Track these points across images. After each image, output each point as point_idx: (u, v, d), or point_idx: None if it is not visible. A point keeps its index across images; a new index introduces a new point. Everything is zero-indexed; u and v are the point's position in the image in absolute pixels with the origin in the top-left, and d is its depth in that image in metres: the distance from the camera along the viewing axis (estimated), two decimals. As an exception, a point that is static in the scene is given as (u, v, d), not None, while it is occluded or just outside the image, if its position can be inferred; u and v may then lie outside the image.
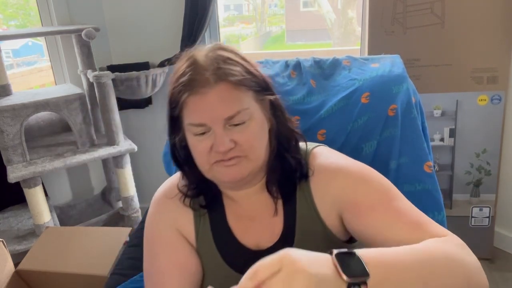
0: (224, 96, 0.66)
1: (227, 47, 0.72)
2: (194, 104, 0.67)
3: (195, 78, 0.66)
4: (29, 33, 1.86)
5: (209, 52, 0.69)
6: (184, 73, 0.68)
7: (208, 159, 0.69)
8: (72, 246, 1.44)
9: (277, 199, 0.76)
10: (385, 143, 1.10)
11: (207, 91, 0.65)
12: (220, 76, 0.66)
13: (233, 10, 6.08)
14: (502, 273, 1.78)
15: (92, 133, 1.84)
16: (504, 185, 1.83)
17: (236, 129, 0.67)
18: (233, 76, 0.66)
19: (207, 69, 0.66)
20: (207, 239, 0.78)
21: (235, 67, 0.68)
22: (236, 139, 0.67)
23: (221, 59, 0.68)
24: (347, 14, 4.37)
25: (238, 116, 0.66)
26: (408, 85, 1.10)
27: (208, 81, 0.65)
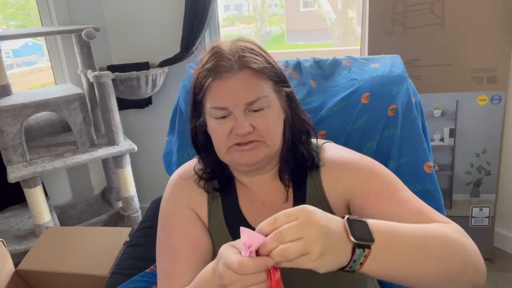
0: (246, 82, 0.71)
1: (249, 39, 0.77)
2: (218, 88, 0.71)
3: (220, 64, 0.71)
4: (29, 33, 1.86)
5: (232, 43, 0.75)
6: (209, 60, 0.73)
7: (227, 142, 0.73)
8: (72, 246, 1.43)
9: (289, 187, 0.80)
10: (385, 143, 1.10)
11: (231, 76, 0.70)
12: (243, 63, 0.71)
13: (233, 10, 6.08)
14: (502, 273, 1.78)
15: (92, 133, 1.84)
16: (504, 185, 1.83)
17: (255, 114, 0.72)
18: (255, 64, 0.71)
19: (231, 57, 0.71)
20: (219, 221, 0.82)
21: (257, 56, 0.73)
22: (255, 124, 0.72)
23: (245, 49, 0.73)
24: (347, 14, 4.36)
25: (258, 102, 0.71)
26: (408, 85, 1.10)
27: (232, 67, 0.70)
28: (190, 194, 0.84)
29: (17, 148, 1.68)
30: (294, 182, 0.81)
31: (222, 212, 0.82)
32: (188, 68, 1.20)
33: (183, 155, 1.20)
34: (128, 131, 2.18)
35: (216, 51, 0.74)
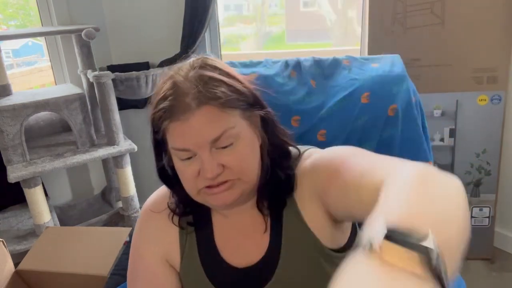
0: (207, 120, 0.62)
1: (211, 62, 0.67)
2: (176, 130, 0.63)
3: (175, 104, 0.62)
4: (29, 33, 1.86)
5: (190, 71, 0.65)
6: (165, 96, 0.64)
7: (197, 184, 0.65)
8: (72, 246, 1.43)
9: (267, 216, 0.73)
10: (385, 143, 1.10)
11: (189, 117, 0.61)
12: (201, 100, 0.61)
13: (233, 10, 6.07)
14: (502, 273, 1.78)
15: (92, 133, 1.84)
16: (504, 185, 1.83)
17: (224, 151, 0.63)
18: (216, 99, 0.62)
19: (187, 93, 0.62)
20: (193, 258, 0.76)
21: (218, 88, 0.63)
22: (225, 162, 0.64)
23: (203, 79, 0.63)
24: (347, 14, 4.37)
25: (224, 137, 0.63)
26: (408, 85, 1.10)
27: (189, 106, 0.61)
28: (160, 231, 0.77)
29: (17, 148, 1.68)
30: (272, 210, 0.73)
31: (197, 249, 0.76)
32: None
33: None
34: (128, 131, 2.18)
35: (171, 85, 0.64)
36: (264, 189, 0.71)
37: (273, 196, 0.72)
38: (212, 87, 0.63)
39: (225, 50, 2.72)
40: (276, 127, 0.72)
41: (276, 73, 1.17)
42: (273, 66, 1.22)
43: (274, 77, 1.16)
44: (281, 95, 1.13)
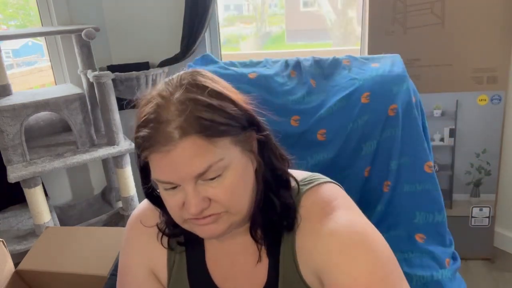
0: (191, 153, 0.55)
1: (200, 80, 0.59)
2: (157, 162, 0.57)
3: (156, 133, 0.55)
4: (29, 33, 1.86)
5: (176, 90, 0.57)
6: (146, 121, 0.57)
7: (182, 214, 0.60)
8: (72, 246, 1.43)
9: (262, 246, 0.67)
10: (386, 143, 1.10)
11: (170, 149, 0.54)
12: (185, 130, 0.54)
13: (233, 10, 6.07)
14: (502, 273, 1.78)
15: (92, 133, 1.84)
16: (504, 185, 1.83)
17: (211, 183, 0.57)
18: (202, 129, 0.54)
19: (170, 121, 0.55)
20: (181, 279, 0.71)
21: (205, 114, 0.55)
22: (211, 195, 0.57)
23: (189, 104, 0.55)
24: (347, 14, 4.37)
25: (211, 170, 0.56)
26: (408, 84, 1.10)
27: (172, 137, 0.54)
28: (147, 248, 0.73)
29: (17, 148, 1.68)
30: (267, 242, 0.66)
31: (186, 270, 0.71)
32: (188, 68, 1.20)
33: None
34: (128, 131, 2.18)
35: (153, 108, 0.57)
36: (257, 216, 0.64)
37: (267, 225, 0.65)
38: (199, 113, 0.55)
39: (225, 50, 2.72)
40: (274, 153, 0.65)
41: (276, 73, 1.18)
42: (273, 66, 1.22)
43: (274, 77, 1.16)
44: (281, 94, 1.13)
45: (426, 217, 1.09)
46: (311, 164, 1.10)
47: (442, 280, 1.00)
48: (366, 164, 1.11)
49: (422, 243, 1.07)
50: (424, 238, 1.08)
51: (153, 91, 0.61)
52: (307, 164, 1.09)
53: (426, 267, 1.02)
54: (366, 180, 1.12)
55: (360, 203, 1.11)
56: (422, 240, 1.08)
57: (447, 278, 1.00)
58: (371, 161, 1.10)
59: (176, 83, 0.59)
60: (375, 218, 1.09)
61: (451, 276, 1.01)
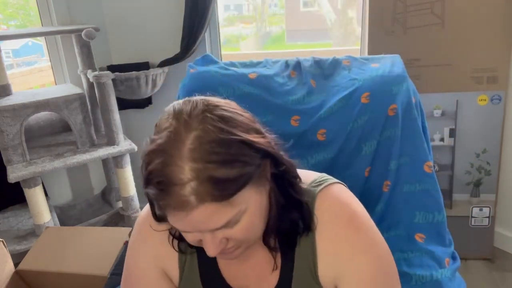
0: (209, 215, 0.53)
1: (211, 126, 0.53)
2: (174, 219, 0.55)
3: (169, 198, 0.52)
4: (29, 33, 1.86)
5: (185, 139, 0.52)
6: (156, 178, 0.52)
7: (199, 245, 0.60)
8: (72, 246, 1.43)
9: (276, 253, 0.67)
10: (385, 143, 1.10)
11: (187, 213, 0.52)
12: (202, 197, 0.51)
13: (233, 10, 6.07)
14: (502, 273, 1.78)
15: (92, 133, 1.84)
16: (504, 185, 1.83)
17: (228, 229, 0.57)
18: (218, 193, 0.52)
19: (184, 185, 0.50)
20: (193, 279, 0.71)
21: (220, 170, 0.51)
22: (229, 236, 0.58)
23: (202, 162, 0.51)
24: (347, 14, 4.37)
25: (229, 223, 0.56)
26: (408, 85, 1.10)
27: (188, 203, 0.51)
28: (158, 247, 0.72)
29: (17, 148, 1.68)
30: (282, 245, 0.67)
31: (198, 269, 0.71)
32: (188, 68, 1.20)
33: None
34: (128, 131, 2.18)
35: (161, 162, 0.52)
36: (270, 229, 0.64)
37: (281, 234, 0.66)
38: (213, 172, 0.51)
39: (225, 50, 2.72)
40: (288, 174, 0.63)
41: (276, 73, 1.18)
42: (273, 66, 1.22)
43: (274, 77, 1.16)
44: (281, 95, 1.13)
45: (426, 217, 1.09)
46: (311, 164, 1.10)
47: (442, 279, 1.00)
48: (366, 164, 1.11)
49: (422, 243, 1.07)
50: (424, 238, 1.08)
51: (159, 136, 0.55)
52: (307, 164, 1.09)
53: (426, 267, 1.02)
54: (366, 180, 1.12)
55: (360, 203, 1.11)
56: (421, 240, 1.08)
57: (447, 278, 1.00)
58: (371, 161, 1.10)
59: (184, 125, 0.53)
60: (375, 217, 1.09)
61: (450, 275, 1.01)
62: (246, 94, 1.10)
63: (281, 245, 0.66)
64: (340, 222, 0.65)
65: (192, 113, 0.54)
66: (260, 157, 0.56)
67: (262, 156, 0.57)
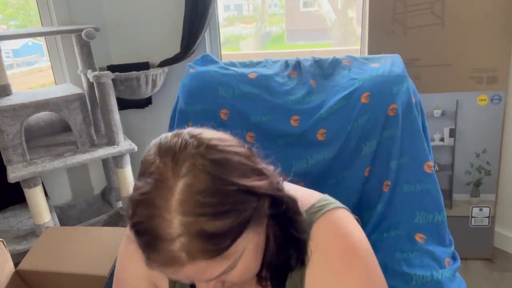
0: (201, 269, 0.49)
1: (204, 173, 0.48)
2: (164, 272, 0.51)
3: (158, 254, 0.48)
4: (29, 33, 1.86)
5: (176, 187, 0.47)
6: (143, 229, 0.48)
7: None
8: (72, 246, 1.43)
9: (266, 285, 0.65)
10: (385, 143, 1.10)
11: (178, 269, 0.49)
12: (193, 255, 0.47)
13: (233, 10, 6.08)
14: (502, 273, 1.78)
15: (92, 133, 1.84)
16: (504, 185, 1.83)
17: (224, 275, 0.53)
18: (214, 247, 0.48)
19: (173, 240, 0.46)
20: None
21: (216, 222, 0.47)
22: (225, 279, 0.55)
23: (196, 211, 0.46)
24: (347, 14, 4.37)
25: (224, 272, 0.52)
26: (408, 84, 1.10)
27: (178, 259, 0.47)
28: None
29: (17, 148, 1.68)
30: (272, 281, 0.64)
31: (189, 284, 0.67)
32: (188, 68, 1.20)
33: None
34: (128, 131, 2.18)
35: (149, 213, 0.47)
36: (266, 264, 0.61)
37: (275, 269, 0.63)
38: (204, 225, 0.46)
39: (225, 50, 2.72)
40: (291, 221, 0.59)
41: (276, 73, 1.18)
42: (273, 66, 1.22)
43: (274, 77, 1.16)
44: (281, 94, 1.13)
45: (426, 217, 1.09)
46: (311, 164, 1.10)
47: (442, 279, 1.00)
48: (366, 164, 1.11)
49: (422, 243, 1.07)
50: (424, 238, 1.08)
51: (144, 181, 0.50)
52: (307, 164, 1.09)
53: (426, 267, 1.02)
54: (366, 180, 1.12)
55: (360, 203, 1.11)
56: (422, 240, 1.08)
57: (447, 278, 1.00)
58: (371, 161, 1.10)
59: (172, 170, 0.48)
60: (375, 218, 1.09)
61: (451, 276, 1.01)
62: (246, 94, 1.10)
63: (273, 278, 0.63)
64: (334, 255, 0.61)
65: (180, 155, 0.49)
66: (258, 197, 0.52)
67: (259, 197, 0.52)
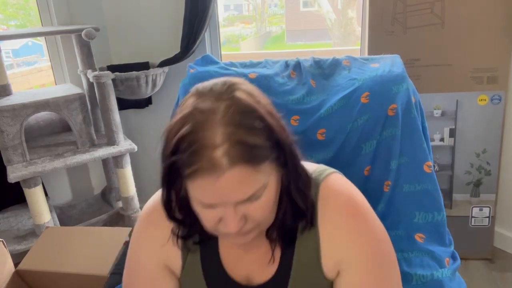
0: (238, 181, 0.54)
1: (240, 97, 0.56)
2: (202, 186, 0.55)
3: (200, 160, 0.52)
4: (29, 33, 1.86)
5: (216, 109, 0.54)
6: (186, 142, 0.53)
7: (215, 228, 0.61)
8: (72, 246, 1.43)
9: (276, 246, 0.69)
10: (385, 143, 1.10)
11: (218, 176, 0.53)
12: (233, 159, 0.52)
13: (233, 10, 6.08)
14: (502, 273, 1.78)
15: (92, 133, 1.84)
16: (504, 185, 1.83)
17: (249, 204, 0.58)
18: (249, 157, 0.53)
19: (216, 146, 0.52)
20: (195, 269, 0.73)
21: (251, 137, 0.53)
22: (248, 214, 0.59)
23: (237, 126, 0.53)
24: (347, 14, 4.37)
25: (253, 196, 0.57)
26: (408, 85, 1.10)
27: (219, 165, 0.52)
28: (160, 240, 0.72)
29: (17, 148, 1.68)
30: (282, 241, 0.69)
31: (200, 260, 0.73)
32: (188, 68, 1.20)
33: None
34: (128, 131, 2.18)
35: (193, 127, 0.53)
36: (275, 222, 0.66)
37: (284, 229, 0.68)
38: (244, 137, 0.53)
39: (225, 50, 2.72)
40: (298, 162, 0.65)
41: (276, 73, 1.18)
42: (273, 66, 1.22)
43: (274, 77, 1.16)
44: (281, 94, 1.13)
45: (426, 217, 1.09)
46: (311, 164, 1.10)
47: (443, 279, 1.00)
48: (366, 163, 1.11)
49: (421, 243, 1.07)
50: (424, 237, 1.08)
51: (187, 104, 0.57)
52: (307, 164, 1.09)
53: (426, 267, 1.02)
54: (366, 180, 1.12)
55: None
56: (421, 239, 1.08)
57: (448, 278, 1.00)
58: (371, 160, 1.10)
59: (214, 97, 0.56)
60: (375, 218, 1.09)
61: (451, 275, 1.01)
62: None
63: (282, 238, 0.68)
64: (340, 209, 0.68)
65: (220, 88, 0.57)
66: (280, 137, 0.58)
67: (281, 138, 0.59)
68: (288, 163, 0.61)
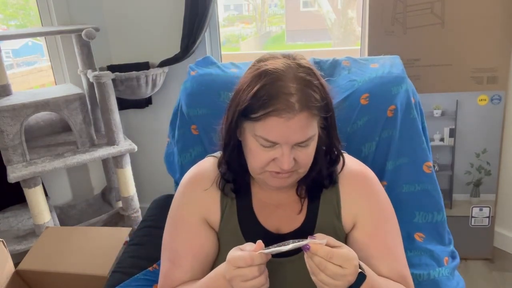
0: (303, 124, 0.69)
1: (305, 64, 0.72)
2: (273, 125, 0.68)
3: (279, 102, 0.67)
4: (29, 33, 1.86)
5: (293, 70, 0.70)
6: (269, 88, 0.68)
7: (266, 167, 0.74)
8: (72, 246, 1.44)
9: (304, 199, 0.83)
10: (385, 144, 1.10)
11: (291, 117, 0.67)
12: (304, 105, 0.68)
13: (233, 10, 6.08)
14: (502, 273, 1.78)
15: (92, 133, 1.84)
16: (504, 185, 1.83)
17: (300, 148, 0.72)
18: (315, 106, 0.69)
19: (293, 94, 0.68)
20: (232, 220, 0.84)
21: (316, 94, 0.70)
22: (297, 157, 0.72)
23: (306, 83, 0.69)
24: (347, 14, 4.36)
25: (308, 141, 0.71)
26: (407, 85, 1.10)
27: (294, 107, 0.67)
28: (202, 197, 0.85)
29: (17, 148, 1.68)
30: (309, 195, 0.83)
31: (236, 214, 0.84)
32: (189, 69, 1.20)
33: (185, 156, 1.20)
34: (128, 131, 2.18)
35: (275, 78, 0.69)
36: (306, 175, 0.79)
37: (312, 183, 0.81)
38: (312, 91, 0.69)
39: (225, 50, 2.72)
40: (334, 131, 0.78)
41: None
42: (273, 66, 1.22)
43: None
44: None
45: (426, 216, 1.09)
46: (311, 164, 1.10)
47: (439, 278, 1.00)
48: (365, 164, 1.11)
49: (421, 242, 1.08)
50: (423, 237, 1.08)
51: (266, 63, 0.72)
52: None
53: (424, 266, 1.03)
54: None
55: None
56: (421, 239, 1.08)
57: (445, 277, 1.00)
58: (371, 161, 1.11)
59: (284, 60, 0.72)
60: (375, 218, 1.09)
61: (448, 274, 1.02)
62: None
63: (310, 193, 0.83)
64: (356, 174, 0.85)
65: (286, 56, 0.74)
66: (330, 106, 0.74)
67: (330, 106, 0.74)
68: (329, 126, 0.76)
